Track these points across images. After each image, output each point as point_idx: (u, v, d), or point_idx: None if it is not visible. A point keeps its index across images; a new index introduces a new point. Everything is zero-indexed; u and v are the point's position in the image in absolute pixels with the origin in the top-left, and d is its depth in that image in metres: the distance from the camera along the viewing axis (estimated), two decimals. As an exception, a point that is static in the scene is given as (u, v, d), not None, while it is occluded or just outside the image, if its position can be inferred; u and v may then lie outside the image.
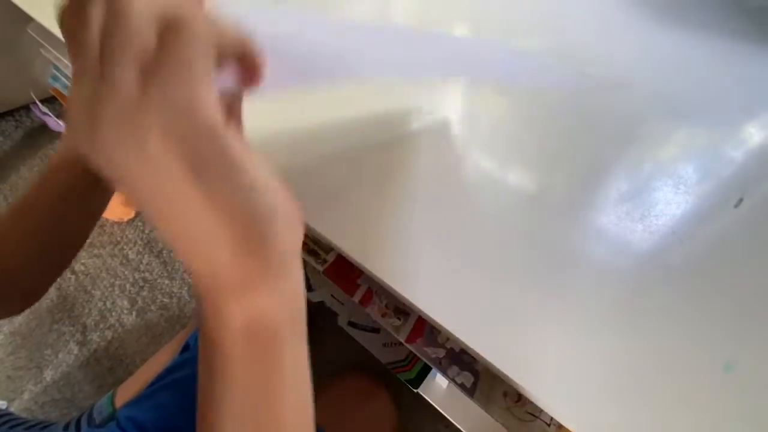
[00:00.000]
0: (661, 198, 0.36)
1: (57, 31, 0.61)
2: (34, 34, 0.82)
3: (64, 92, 0.94)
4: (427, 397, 0.64)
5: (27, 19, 0.72)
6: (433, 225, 0.33)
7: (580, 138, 0.41)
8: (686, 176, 0.37)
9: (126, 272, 1.04)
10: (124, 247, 1.08)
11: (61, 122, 1.12)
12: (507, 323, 0.29)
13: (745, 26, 0.53)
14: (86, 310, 0.98)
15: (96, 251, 1.07)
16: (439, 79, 0.34)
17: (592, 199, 0.36)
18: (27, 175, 1.24)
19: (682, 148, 0.40)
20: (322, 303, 0.78)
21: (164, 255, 1.07)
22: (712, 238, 0.34)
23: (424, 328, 0.42)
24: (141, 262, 1.06)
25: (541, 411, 0.31)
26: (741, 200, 0.35)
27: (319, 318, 0.87)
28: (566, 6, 0.60)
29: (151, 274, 1.03)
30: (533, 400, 0.27)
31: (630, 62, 0.50)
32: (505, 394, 0.36)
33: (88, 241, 0.91)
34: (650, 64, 0.49)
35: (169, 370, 0.65)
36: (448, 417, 0.64)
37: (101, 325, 0.96)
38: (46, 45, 0.80)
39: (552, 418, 0.34)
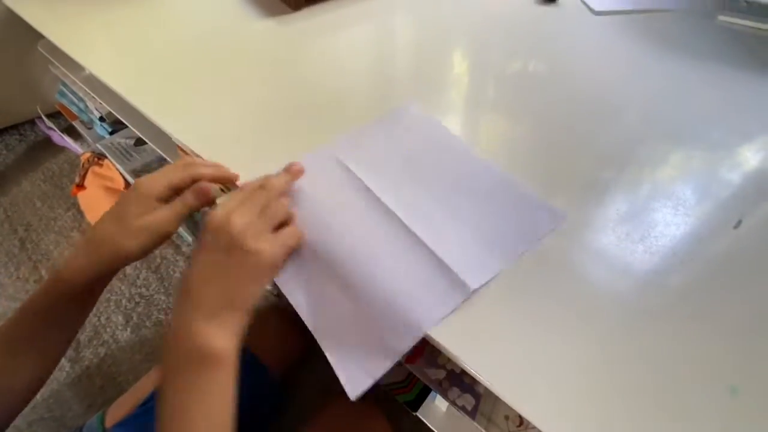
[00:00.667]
0: (661, 219, 0.36)
1: (66, 49, 0.62)
2: (43, 51, 0.83)
3: (71, 108, 0.95)
4: (426, 421, 0.62)
5: (38, 36, 0.74)
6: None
7: (579, 158, 0.42)
8: (685, 198, 0.37)
9: (122, 287, 1.03)
10: (122, 261, 1.08)
11: (64, 137, 1.14)
12: (507, 345, 0.29)
13: (739, 54, 0.54)
14: (80, 326, 0.97)
15: (93, 266, 1.07)
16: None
17: (592, 219, 0.36)
18: (28, 188, 1.25)
19: (680, 170, 0.41)
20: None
21: (161, 271, 1.06)
22: (713, 259, 0.34)
23: (424, 349, 0.42)
24: (138, 278, 1.05)
25: (544, 436, 0.30)
26: (740, 222, 0.35)
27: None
28: (564, 32, 0.61)
29: (148, 289, 1.02)
30: (534, 423, 0.26)
31: (627, 87, 0.51)
32: (506, 418, 0.35)
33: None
34: (646, 89, 0.50)
35: (161, 389, 0.63)
36: (448, 441, 0.62)
37: (95, 342, 0.94)
38: (55, 62, 0.82)
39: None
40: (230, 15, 0.68)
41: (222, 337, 0.28)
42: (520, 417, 0.27)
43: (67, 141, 1.13)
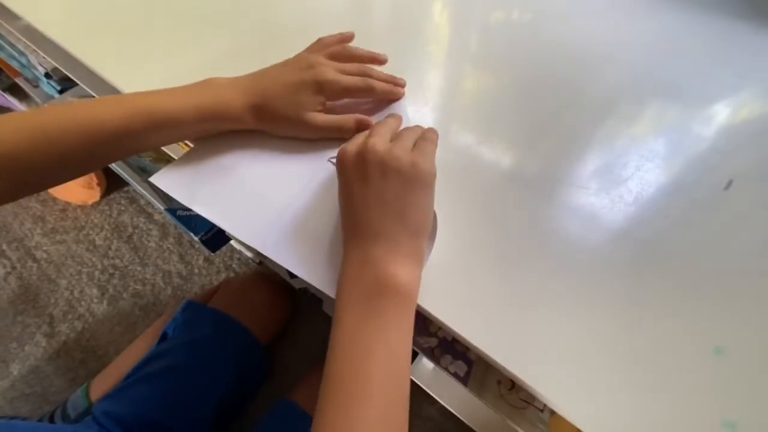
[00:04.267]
0: (653, 180, 0.35)
1: (11, 7, 0.54)
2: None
3: (11, 63, 0.85)
4: (415, 379, 0.64)
5: None
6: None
7: (560, 112, 0.40)
8: (672, 155, 0.37)
9: (94, 259, 0.98)
10: (90, 232, 1.02)
11: (7, 96, 1.02)
12: (495, 309, 0.29)
13: (735, 2, 0.52)
14: (52, 300, 0.93)
15: (59, 237, 1.01)
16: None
17: (576, 176, 0.35)
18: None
19: (668, 126, 0.40)
20: (305, 289, 0.76)
21: (134, 240, 1.01)
22: (704, 222, 0.33)
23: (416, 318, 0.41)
24: (109, 248, 1.00)
25: (534, 398, 0.31)
26: (731, 182, 0.35)
27: (303, 304, 0.86)
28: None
29: (122, 260, 0.98)
30: (525, 387, 0.27)
31: (616, 36, 0.48)
32: (498, 382, 0.35)
33: (49, 226, 0.81)
34: (635, 42, 0.48)
35: (146, 361, 0.62)
36: (436, 397, 0.65)
37: (69, 316, 0.91)
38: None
39: (545, 405, 0.34)
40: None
41: (408, 269, 0.26)
42: (512, 381, 0.27)
43: (11, 101, 1.02)
